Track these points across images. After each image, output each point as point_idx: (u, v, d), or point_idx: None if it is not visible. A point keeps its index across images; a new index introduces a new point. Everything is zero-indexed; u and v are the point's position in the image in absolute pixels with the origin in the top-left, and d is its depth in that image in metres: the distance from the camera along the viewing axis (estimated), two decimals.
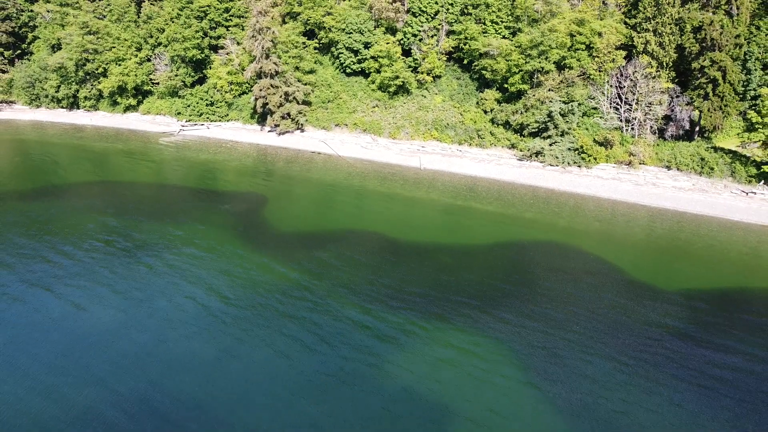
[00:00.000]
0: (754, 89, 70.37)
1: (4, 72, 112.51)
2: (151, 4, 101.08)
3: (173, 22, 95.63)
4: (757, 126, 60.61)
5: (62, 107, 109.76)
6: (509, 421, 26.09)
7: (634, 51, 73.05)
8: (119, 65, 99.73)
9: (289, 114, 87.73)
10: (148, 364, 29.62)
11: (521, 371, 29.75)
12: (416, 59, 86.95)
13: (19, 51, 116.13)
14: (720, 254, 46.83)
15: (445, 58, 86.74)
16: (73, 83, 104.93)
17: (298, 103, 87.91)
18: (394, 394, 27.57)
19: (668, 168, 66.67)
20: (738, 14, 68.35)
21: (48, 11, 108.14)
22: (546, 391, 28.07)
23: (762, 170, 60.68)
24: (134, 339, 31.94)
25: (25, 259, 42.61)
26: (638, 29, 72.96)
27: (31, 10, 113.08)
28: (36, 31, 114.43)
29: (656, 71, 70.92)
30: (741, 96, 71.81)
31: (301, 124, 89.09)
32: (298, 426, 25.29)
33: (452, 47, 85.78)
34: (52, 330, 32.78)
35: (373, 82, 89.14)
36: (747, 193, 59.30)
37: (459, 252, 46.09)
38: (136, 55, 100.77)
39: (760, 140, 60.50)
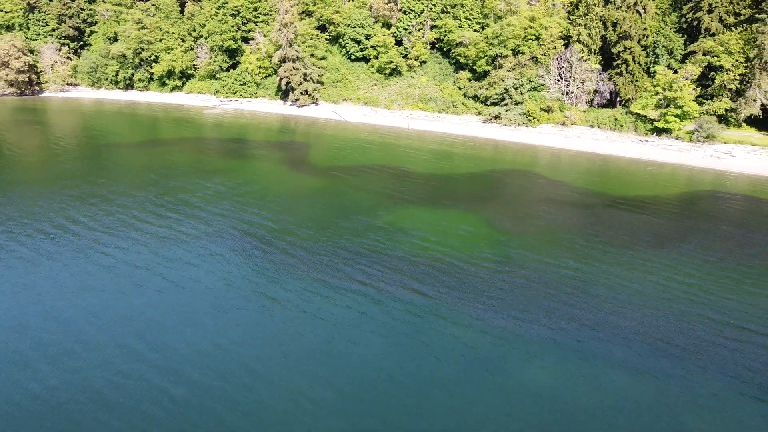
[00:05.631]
0: (665, 69, 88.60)
1: (70, 59, 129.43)
2: (193, 3, 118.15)
3: (212, 18, 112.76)
4: (651, 93, 79.11)
5: (119, 88, 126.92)
6: (476, 237, 44.45)
7: (571, 40, 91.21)
8: (168, 53, 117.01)
9: (306, 91, 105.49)
10: (246, 204, 47.70)
11: (490, 222, 48.16)
12: (406, 48, 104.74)
13: (81, 43, 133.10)
14: (620, 174, 65.75)
15: (429, 47, 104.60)
16: (130, 68, 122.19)
17: (313, 82, 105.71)
18: (391, 230, 45.77)
19: (591, 127, 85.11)
20: (645, 13, 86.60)
21: (106, 10, 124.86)
22: (497, 227, 46.52)
23: (654, 125, 79.24)
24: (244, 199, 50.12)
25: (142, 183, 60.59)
26: (574, 24, 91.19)
27: (90, 9, 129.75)
28: (95, 26, 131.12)
29: (587, 56, 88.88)
30: (652, 74, 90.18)
31: (316, 99, 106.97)
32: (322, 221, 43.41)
33: (435, 38, 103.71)
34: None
35: (372, 66, 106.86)
36: (642, 141, 77.91)
37: (445, 176, 63.62)
38: (182, 45, 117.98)
39: (653, 104, 79.00)
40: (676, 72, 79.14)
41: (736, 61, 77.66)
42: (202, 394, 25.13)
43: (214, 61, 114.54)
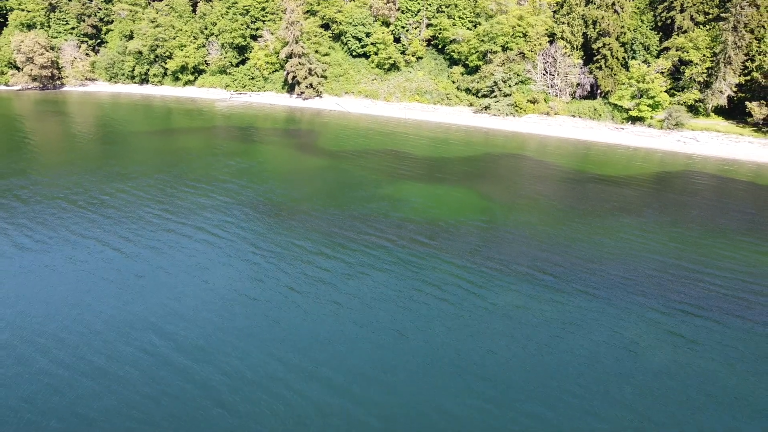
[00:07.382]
0: (639, 63, 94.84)
1: (89, 56, 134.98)
2: (205, 3, 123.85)
3: (223, 17, 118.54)
4: (627, 86, 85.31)
5: (135, 82, 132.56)
6: (467, 204, 50.58)
7: (555, 37, 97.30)
8: (181, 50, 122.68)
9: (311, 84, 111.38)
10: (261, 174, 53.70)
11: (481, 193, 54.28)
12: (404, 45, 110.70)
13: (98, 40, 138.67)
14: (597, 156, 71.89)
15: (425, 44, 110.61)
16: (145, 64, 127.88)
17: (318, 76, 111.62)
18: (394, 199, 51.86)
19: (573, 116, 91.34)
20: (623, 12, 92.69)
21: (123, 9, 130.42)
22: (487, 197, 52.67)
23: (629, 114, 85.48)
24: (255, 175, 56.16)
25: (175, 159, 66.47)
26: (558, 22, 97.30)
27: (108, 8, 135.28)
28: (111, 24, 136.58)
29: (570, 51, 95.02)
30: (629, 69, 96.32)
31: (320, 92, 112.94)
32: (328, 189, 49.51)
33: (430, 36, 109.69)
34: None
35: (372, 62, 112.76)
36: (618, 129, 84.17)
37: (440, 158, 69.52)
38: (194, 43, 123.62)
39: (628, 95, 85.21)
40: (649, 66, 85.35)
41: (704, 55, 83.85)
42: (252, 308, 31.63)
43: (225, 57, 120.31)
